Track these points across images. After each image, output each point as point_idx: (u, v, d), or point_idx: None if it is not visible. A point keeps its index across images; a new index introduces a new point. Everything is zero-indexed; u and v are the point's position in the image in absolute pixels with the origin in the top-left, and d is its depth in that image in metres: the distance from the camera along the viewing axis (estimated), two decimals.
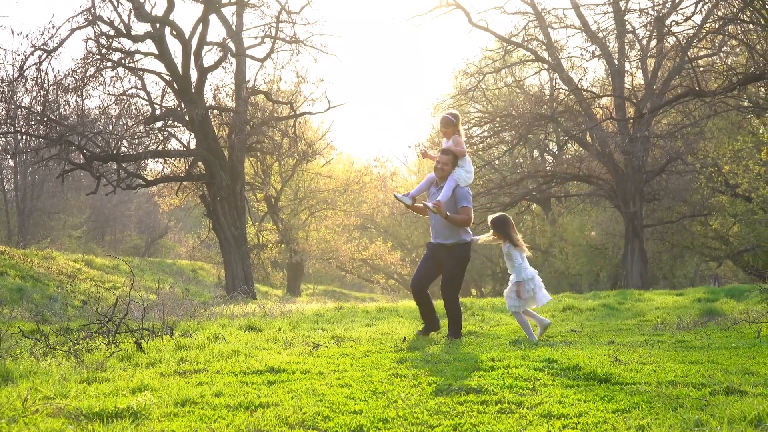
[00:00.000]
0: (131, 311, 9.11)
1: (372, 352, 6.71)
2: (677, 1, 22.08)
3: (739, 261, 29.47)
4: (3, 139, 26.98)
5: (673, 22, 20.62)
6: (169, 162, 24.63)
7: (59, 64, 36.44)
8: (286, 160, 31.50)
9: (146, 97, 22.68)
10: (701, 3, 19.93)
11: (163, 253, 45.64)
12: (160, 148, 23.61)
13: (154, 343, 7.01)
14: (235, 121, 23.61)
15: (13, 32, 22.72)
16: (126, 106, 22.38)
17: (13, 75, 20.84)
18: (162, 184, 26.84)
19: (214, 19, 23.09)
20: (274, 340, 7.68)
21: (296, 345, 7.35)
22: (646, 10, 23.67)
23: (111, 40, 21.56)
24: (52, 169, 27.48)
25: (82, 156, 21.65)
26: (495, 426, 3.86)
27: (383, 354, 6.51)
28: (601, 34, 26.00)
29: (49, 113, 21.03)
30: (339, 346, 7.25)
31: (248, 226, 29.43)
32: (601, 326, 9.47)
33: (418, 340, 7.60)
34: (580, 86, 26.85)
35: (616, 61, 26.00)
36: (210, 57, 33.23)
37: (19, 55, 23.21)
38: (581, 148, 29.78)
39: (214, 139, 23.01)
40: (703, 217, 29.08)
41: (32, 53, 20.68)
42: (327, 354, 6.59)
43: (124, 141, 22.62)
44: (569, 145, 34.89)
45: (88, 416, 4.03)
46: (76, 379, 5.19)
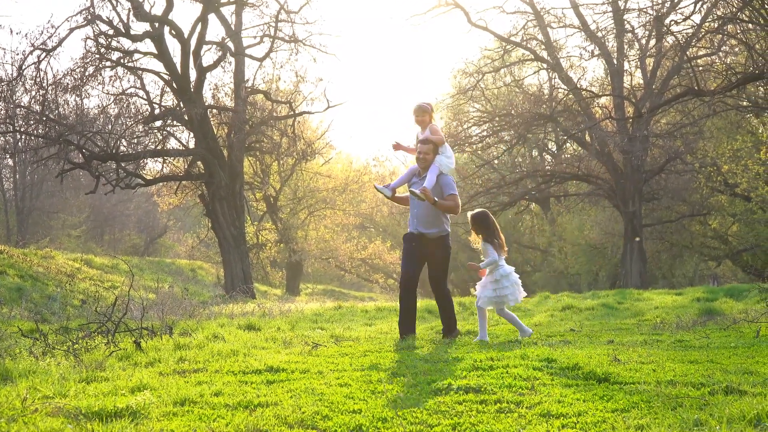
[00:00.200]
0: (130, 311, 9.11)
1: (371, 351, 6.71)
2: (676, 1, 22.11)
3: (738, 260, 29.49)
4: (2, 138, 26.91)
5: (672, 22, 20.64)
6: (168, 161, 24.63)
7: (58, 63, 36.67)
8: (285, 160, 31.50)
9: (145, 97, 22.71)
10: (700, 2, 19.95)
11: (162, 252, 45.62)
12: (159, 148, 23.61)
13: (153, 343, 7.01)
14: (234, 120, 23.62)
15: (12, 31, 22.79)
16: (125, 106, 22.38)
17: (12, 74, 20.86)
18: (161, 184, 26.83)
19: (213, 18, 23.14)
20: (273, 340, 7.68)
21: (295, 344, 7.35)
22: (645, 10, 23.73)
23: (110, 40, 21.57)
24: (51, 168, 27.46)
25: (81, 155, 21.64)
26: (494, 425, 3.86)
27: (382, 353, 6.51)
28: (600, 34, 26.00)
29: (48, 113, 21.03)
30: (338, 346, 7.25)
31: (247, 226, 29.43)
32: (600, 326, 9.47)
33: (417, 340, 7.59)
34: (579, 86, 26.85)
35: (615, 61, 26.01)
36: (209, 56, 33.11)
37: (18, 54, 23.19)
38: (580, 148, 29.79)
39: (213, 138, 23.01)
40: (702, 217, 29.09)
41: (31, 52, 20.70)
42: (326, 353, 6.59)
43: (123, 140, 22.63)
44: (568, 145, 34.91)
45: (87, 415, 4.03)
46: (75, 379, 5.19)
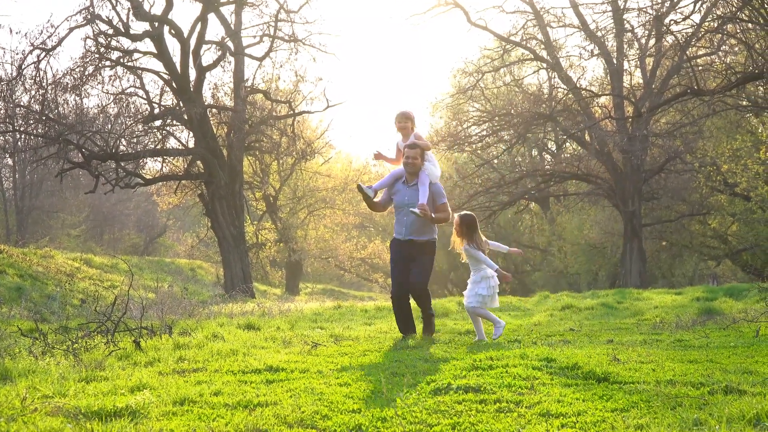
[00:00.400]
0: (130, 310, 9.11)
1: (371, 351, 6.71)
2: (676, 0, 22.07)
3: (738, 260, 29.49)
4: (2, 137, 26.93)
5: (672, 21, 20.60)
6: (167, 161, 24.63)
7: (58, 63, 36.62)
8: (285, 159, 31.51)
9: (145, 96, 22.70)
10: (700, 2, 19.92)
11: (162, 252, 45.60)
12: (159, 147, 23.61)
13: (153, 342, 7.01)
14: (234, 120, 23.61)
15: (11, 31, 22.75)
16: (125, 105, 22.38)
17: (12, 74, 20.85)
18: (161, 183, 26.83)
19: (212, 17, 23.12)
20: (273, 339, 7.68)
21: (295, 344, 7.35)
22: (645, 9, 23.67)
23: (110, 39, 21.56)
24: (50, 167, 27.44)
25: (80, 155, 21.63)
26: (494, 425, 3.86)
27: (382, 353, 6.51)
28: (599, 33, 25.98)
29: (47, 112, 21.03)
30: (338, 345, 7.24)
31: (247, 225, 29.42)
32: (600, 325, 9.47)
33: (416, 340, 7.59)
34: (578, 85, 26.84)
35: (615, 60, 26.00)
36: (209, 56, 33.08)
37: (18, 54, 23.14)
38: (580, 147, 29.78)
39: (213, 138, 23.00)
40: (701, 216, 29.09)
41: (31, 52, 20.70)
42: (326, 353, 6.59)
43: (123, 140, 22.62)
44: (568, 144, 34.89)
45: (86, 415, 4.03)
46: (74, 378, 5.19)
